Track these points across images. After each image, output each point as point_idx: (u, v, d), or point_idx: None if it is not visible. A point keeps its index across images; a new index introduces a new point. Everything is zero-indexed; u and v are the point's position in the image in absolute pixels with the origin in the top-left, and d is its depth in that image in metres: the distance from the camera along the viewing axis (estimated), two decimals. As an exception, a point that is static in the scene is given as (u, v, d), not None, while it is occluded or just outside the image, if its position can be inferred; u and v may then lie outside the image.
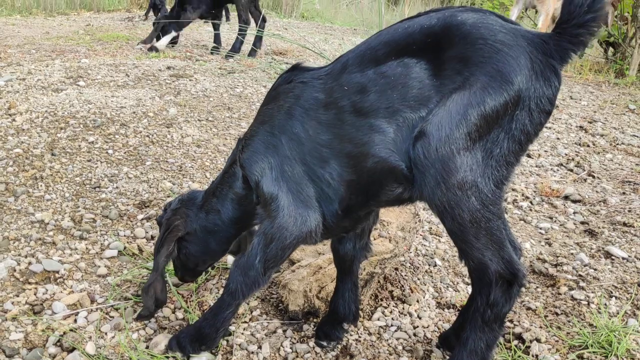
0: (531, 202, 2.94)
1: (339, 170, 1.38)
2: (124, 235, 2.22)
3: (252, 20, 5.29)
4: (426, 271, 2.18)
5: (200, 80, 4.20)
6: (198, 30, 6.63)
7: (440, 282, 2.13)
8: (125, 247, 2.13)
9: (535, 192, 3.05)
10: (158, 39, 5.24)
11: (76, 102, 3.39)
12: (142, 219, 2.33)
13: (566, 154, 3.66)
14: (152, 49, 5.12)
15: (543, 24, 6.02)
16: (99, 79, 3.93)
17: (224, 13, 7.09)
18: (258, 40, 5.38)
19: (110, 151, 2.84)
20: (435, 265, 2.23)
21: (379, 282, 2.01)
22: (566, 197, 3.02)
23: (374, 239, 1.99)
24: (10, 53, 4.73)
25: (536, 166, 3.41)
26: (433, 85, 1.25)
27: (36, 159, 2.68)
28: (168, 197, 2.50)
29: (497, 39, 1.21)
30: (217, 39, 5.49)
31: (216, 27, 5.48)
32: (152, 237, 2.22)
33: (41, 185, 2.48)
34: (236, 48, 5.24)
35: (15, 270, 1.94)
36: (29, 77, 3.80)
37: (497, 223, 1.27)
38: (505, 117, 1.21)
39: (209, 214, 1.66)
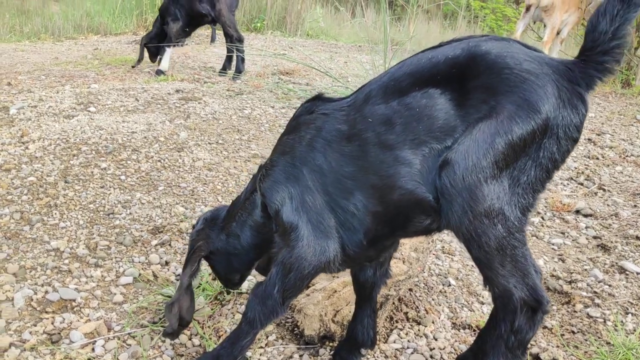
0: (542, 218, 2.93)
1: (364, 201, 1.38)
2: (139, 262, 2.23)
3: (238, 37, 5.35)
4: (440, 291, 2.18)
5: (209, 102, 4.24)
6: (205, 52, 6.70)
7: (455, 302, 2.13)
8: (140, 274, 2.14)
9: (546, 207, 3.05)
10: (159, 62, 5.30)
11: (87, 128, 3.43)
12: (156, 245, 2.35)
13: (576, 168, 3.66)
14: (159, 72, 5.18)
15: (548, 37, 6.05)
16: (109, 104, 3.98)
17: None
18: (228, 60, 5.44)
19: (122, 177, 2.87)
20: (450, 285, 2.23)
21: (393, 303, 2.02)
22: (577, 212, 3.02)
23: (388, 261, 2.00)
24: (21, 80, 4.80)
25: (546, 181, 3.41)
26: (458, 115, 1.26)
27: (50, 187, 2.71)
28: (181, 222, 2.51)
29: (522, 68, 1.22)
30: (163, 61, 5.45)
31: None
32: (167, 263, 2.24)
33: (56, 213, 2.50)
34: (240, 68, 5.29)
35: (32, 300, 1.95)
36: (40, 104, 3.85)
37: (522, 250, 1.27)
38: (532, 145, 1.22)
39: (229, 237, 1.69)
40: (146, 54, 5.40)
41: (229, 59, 5.44)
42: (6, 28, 8.05)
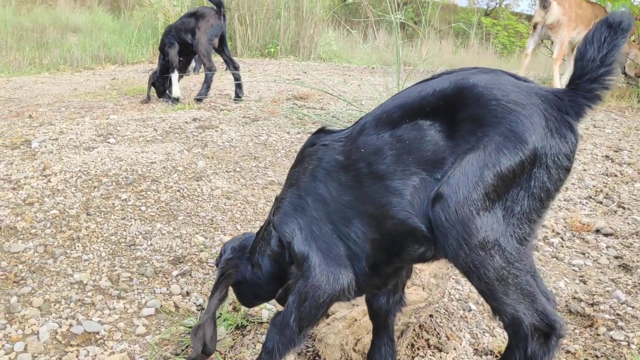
0: (562, 238, 2.91)
1: (363, 229, 1.42)
2: (160, 293, 2.26)
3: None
4: (461, 316, 2.18)
5: (225, 130, 4.30)
6: (220, 80, 6.79)
7: (476, 327, 2.12)
8: (161, 305, 2.17)
9: (565, 227, 3.03)
10: (170, 91, 5.44)
11: (107, 159, 3.49)
12: (177, 275, 2.38)
13: (594, 186, 3.63)
14: (174, 100, 5.28)
15: (558, 54, 6.06)
16: (128, 134, 4.06)
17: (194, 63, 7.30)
18: (238, 87, 5.57)
19: (143, 208, 2.92)
20: (470, 310, 2.22)
21: (414, 330, 2.01)
22: (597, 231, 2.99)
23: (407, 288, 2.00)
24: (42, 112, 4.91)
25: (564, 200, 3.39)
26: (447, 146, 1.28)
27: (72, 220, 2.76)
28: (201, 251, 2.54)
29: (509, 99, 1.23)
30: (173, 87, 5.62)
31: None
32: (188, 293, 2.26)
33: (78, 246, 2.55)
34: (202, 92, 5.44)
35: (57, 333, 1.99)
36: (61, 137, 3.94)
37: (525, 278, 1.27)
38: (522, 175, 1.22)
39: (253, 267, 1.74)
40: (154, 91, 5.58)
41: (238, 85, 5.54)
42: (26, 61, 8.26)
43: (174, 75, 5.37)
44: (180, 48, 5.46)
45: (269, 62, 9.09)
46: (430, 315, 2.13)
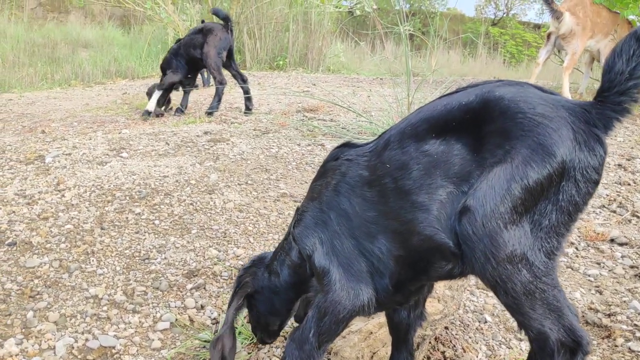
0: (577, 248, 2.90)
1: (388, 245, 1.41)
2: (175, 307, 2.27)
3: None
4: (477, 328, 2.16)
5: (237, 143, 4.32)
6: (230, 93, 6.83)
7: (492, 339, 2.11)
8: (176, 319, 2.17)
9: (579, 237, 3.01)
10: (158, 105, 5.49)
11: (121, 174, 3.52)
12: (191, 289, 2.38)
13: (607, 195, 3.61)
14: (145, 113, 5.34)
15: (568, 63, 6.04)
16: (140, 149, 4.09)
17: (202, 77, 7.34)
18: (247, 100, 5.60)
19: (156, 222, 2.93)
20: (486, 322, 2.21)
21: (430, 343, 2.00)
22: (612, 240, 2.97)
23: (423, 300, 1.99)
24: (54, 127, 4.96)
25: (578, 210, 3.37)
26: (474, 160, 1.27)
27: (87, 234, 2.78)
28: (215, 264, 2.55)
29: (536, 112, 1.23)
30: (184, 100, 5.72)
31: (187, 91, 5.74)
32: (202, 307, 2.27)
33: (93, 260, 2.56)
34: (214, 106, 5.50)
35: (73, 348, 2.00)
36: (74, 152, 3.97)
37: (552, 292, 1.26)
38: (550, 189, 1.21)
39: (271, 275, 1.74)
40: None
41: (247, 99, 5.58)
42: (38, 76, 8.35)
43: (157, 92, 5.44)
44: (189, 67, 5.52)
45: (278, 74, 9.14)
46: (446, 328, 2.12)
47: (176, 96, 6.00)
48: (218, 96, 5.43)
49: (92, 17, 16.11)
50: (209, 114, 5.38)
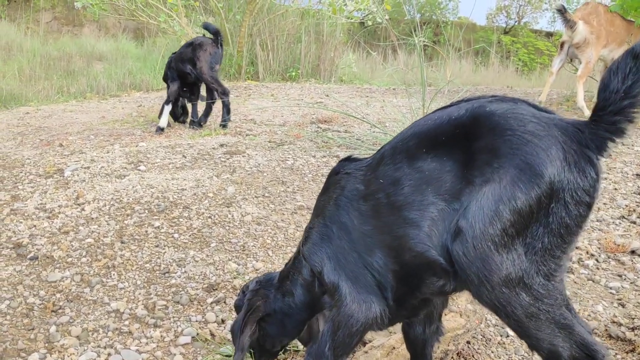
0: (597, 260, 2.87)
1: (384, 259, 1.41)
2: (196, 321, 2.27)
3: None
4: (499, 342, 2.15)
5: (252, 155, 4.34)
6: (245, 105, 6.88)
7: (515, 353, 2.09)
8: (198, 333, 2.18)
9: (599, 248, 2.99)
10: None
11: (139, 187, 3.55)
12: (212, 303, 2.39)
13: (626, 205, 3.58)
14: (158, 129, 5.32)
15: (582, 72, 6.02)
16: (158, 162, 4.12)
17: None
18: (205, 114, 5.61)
19: (176, 235, 2.95)
20: (508, 336, 2.19)
21: (452, 358, 1.99)
22: (633, 252, 2.94)
23: (445, 314, 1.98)
24: (72, 140, 5.01)
25: (597, 221, 3.35)
26: (464, 176, 1.25)
27: (107, 248, 2.80)
28: (234, 278, 2.56)
29: (526, 130, 1.20)
30: (193, 113, 5.77)
31: (193, 103, 5.78)
32: (223, 321, 2.27)
33: (114, 274, 2.58)
34: (225, 118, 5.50)
35: (96, 363, 2.01)
36: (92, 165, 4.01)
37: (559, 312, 1.23)
38: (540, 211, 1.18)
39: (285, 296, 1.72)
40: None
41: (206, 113, 5.59)
42: (54, 89, 8.45)
43: (167, 107, 5.46)
44: (181, 80, 5.53)
45: (291, 86, 9.18)
46: (468, 342, 2.10)
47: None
48: (226, 107, 5.42)
49: (106, 30, 16.31)
50: (223, 126, 5.41)
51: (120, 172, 3.86)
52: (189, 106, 5.79)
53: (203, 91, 5.71)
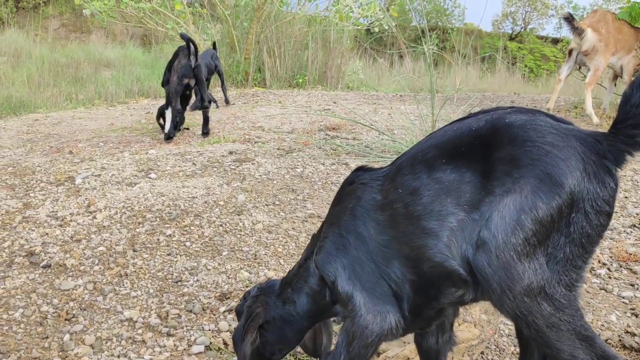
0: (609, 269, 2.86)
1: (402, 270, 1.41)
2: (209, 330, 2.28)
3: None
4: (512, 353, 2.14)
5: (262, 163, 4.35)
6: (253, 112, 6.90)
7: (529, 364, 2.08)
8: (210, 342, 2.18)
9: (611, 257, 2.98)
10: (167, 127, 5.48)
11: (150, 195, 3.56)
12: (224, 312, 2.40)
13: (637, 214, 3.57)
14: (166, 137, 5.27)
15: (591, 79, 6.01)
16: (168, 169, 4.13)
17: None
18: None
19: (187, 243, 2.96)
20: (522, 346, 2.18)
21: (467, 368, 1.99)
22: (645, 261, 2.93)
23: (459, 325, 1.98)
24: (81, 148, 5.03)
25: (608, 229, 3.34)
26: (484, 187, 1.27)
27: (119, 256, 2.81)
28: (246, 287, 2.56)
29: (545, 141, 1.22)
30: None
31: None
32: (236, 330, 2.27)
33: (126, 283, 2.59)
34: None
35: (110, 371, 2.01)
36: (103, 173, 4.03)
37: (580, 322, 1.23)
38: (561, 221, 1.20)
39: (285, 304, 1.72)
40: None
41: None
42: (63, 96, 8.49)
43: (167, 112, 5.43)
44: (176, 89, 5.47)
45: (298, 92, 9.20)
46: (482, 353, 2.10)
47: (192, 116, 6.05)
48: (173, 122, 5.30)
49: (113, 37, 16.42)
50: (168, 137, 5.25)
51: (131, 180, 3.88)
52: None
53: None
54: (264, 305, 1.74)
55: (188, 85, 5.36)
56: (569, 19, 5.94)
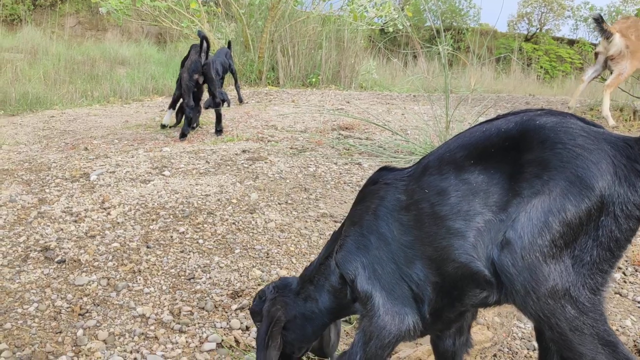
0: (624, 273, 2.83)
1: (425, 271, 1.40)
2: (221, 327, 2.28)
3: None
4: (525, 356, 2.13)
5: (275, 162, 4.36)
6: (266, 111, 6.91)
7: (542, 367, 2.06)
8: (222, 339, 2.19)
9: (627, 261, 2.95)
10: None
11: (164, 192, 3.58)
12: (236, 309, 2.40)
13: (654, 218, 3.52)
14: (181, 134, 5.28)
15: (612, 81, 5.95)
16: (182, 167, 4.15)
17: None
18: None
19: (200, 241, 2.97)
20: (535, 349, 2.16)
21: (479, 371, 1.98)
22: (661, 266, 2.90)
23: (472, 327, 1.97)
24: (96, 144, 5.07)
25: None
26: (512, 189, 1.25)
27: (133, 252, 2.83)
28: (259, 285, 2.57)
29: (576, 143, 1.21)
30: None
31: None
32: (247, 328, 2.28)
33: (140, 279, 2.61)
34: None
35: (123, 367, 2.03)
36: (117, 170, 4.06)
37: (603, 327, 1.21)
38: (590, 224, 1.18)
39: (307, 301, 1.72)
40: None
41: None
42: (79, 93, 8.56)
43: (169, 111, 5.73)
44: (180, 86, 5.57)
45: (312, 92, 9.20)
46: (495, 355, 2.09)
47: (205, 114, 6.07)
48: (187, 119, 5.32)
49: (129, 35, 16.53)
50: (183, 135, 5.28)
51: (145, 177, 3.90)
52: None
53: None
54: (284, 305, 1.73)
55: (197, 82, 5.38)
56: (599, 21, 5.87)
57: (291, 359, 1.82)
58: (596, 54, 6.22)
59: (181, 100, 5.55)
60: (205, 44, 5.29)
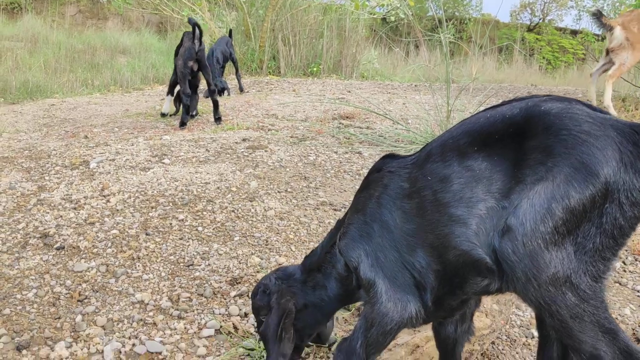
0: (624, 263, 2.83)
1: (427, 259, 1.39)
2: (219, 313, 2.29)
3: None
4: (524, 344, 2.13)
5: (275, 150, 4.35)
6: (267, 100, 6.89)
7: (540, 355, 2.06)
8: (221, 326, 2.19)
9: (627, 250, 2.94)
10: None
11: (163, 180, 3.58)
12: (235, 296, 2.40)
13: (654, 208, 3.52)
14: (181, 123, 5.27)
15: (614, 72, 5.93)
16: (181, 155, 4.15)
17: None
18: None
19: (200, 228, 2.97)
20: (533, 337, 2.17)
21: (477, 358, 1.98)
22: (661, 255, 2.90)
23: (470, 314, 1.97)
24: (96, 132, 5.07)
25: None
26: (515, 175, 1.24)
27: (132, 239, 2.83)
28: (257, 272, 2.57)
29: (581, 130, 1.19)
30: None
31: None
32: (246, 315, 2.28)
33: (139, 266, 2.61)
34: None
35: (121, 352, 2.03)
36: (117, 157, 4.05)
37: (604, 315, 1.20)
38: (593, 210, 1.17)
39: (315, 289, 1.73)
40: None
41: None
42: (79, 82, 8.54)
43: (168, 97, 5.80)
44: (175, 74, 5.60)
45: (313, 81, 9.17)
46: (493, 343, 2.09)
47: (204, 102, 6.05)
48: (185, 107, 5.28)
49: (129, 23, 16.45)
50: (182, 124, 5.27)
51: (144, 165, 3.90)
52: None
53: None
54: (293, 296, 1.73)
55: (192, 69, 5.36)
56: (597, 15, 5.86)
57: (299, 348, 1.82)
58: (607, 51, 6.22)
59: (178, 86, 5.55)
60: (197, 31, 5.27)
